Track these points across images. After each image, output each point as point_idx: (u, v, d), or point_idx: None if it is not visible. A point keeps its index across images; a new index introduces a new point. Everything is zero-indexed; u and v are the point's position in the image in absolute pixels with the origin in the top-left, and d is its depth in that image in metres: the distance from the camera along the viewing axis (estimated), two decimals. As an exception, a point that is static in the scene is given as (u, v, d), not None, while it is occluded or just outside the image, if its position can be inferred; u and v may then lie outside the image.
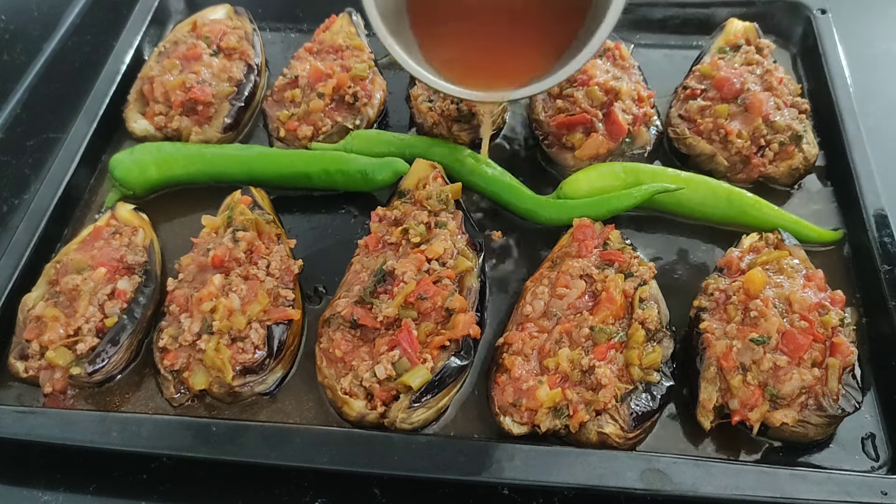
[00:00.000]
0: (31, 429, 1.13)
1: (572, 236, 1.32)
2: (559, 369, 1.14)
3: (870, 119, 1.57)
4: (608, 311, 1.19)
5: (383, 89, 1.63)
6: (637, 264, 1.27)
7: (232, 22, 1.74)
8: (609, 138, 1.47)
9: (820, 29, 1.70)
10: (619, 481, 1.06)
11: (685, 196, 1.42)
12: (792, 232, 1.36)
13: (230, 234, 1.29)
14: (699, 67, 1.59)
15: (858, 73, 1.64)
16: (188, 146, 1.52)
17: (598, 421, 1.11)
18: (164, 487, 1.14)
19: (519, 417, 1.13)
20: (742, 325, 1.17)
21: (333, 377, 1.17)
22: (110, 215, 1.39)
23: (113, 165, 1.46)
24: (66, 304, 1.24)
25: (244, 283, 1.24)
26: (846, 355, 1.13)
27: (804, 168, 1.49)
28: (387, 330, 1.19)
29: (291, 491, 1.13)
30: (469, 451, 1.09)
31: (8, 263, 1.33)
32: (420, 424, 1.16)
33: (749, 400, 1.12)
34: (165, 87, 1.56)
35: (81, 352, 1.19)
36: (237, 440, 1.10)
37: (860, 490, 1.05)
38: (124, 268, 1.30)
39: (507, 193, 1.45)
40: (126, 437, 1.11)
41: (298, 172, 1.47)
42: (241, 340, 1.18)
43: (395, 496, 1.13)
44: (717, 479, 1.06)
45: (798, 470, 1.08)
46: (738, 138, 1.46)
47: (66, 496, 1.13)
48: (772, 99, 1.50)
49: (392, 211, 1.34)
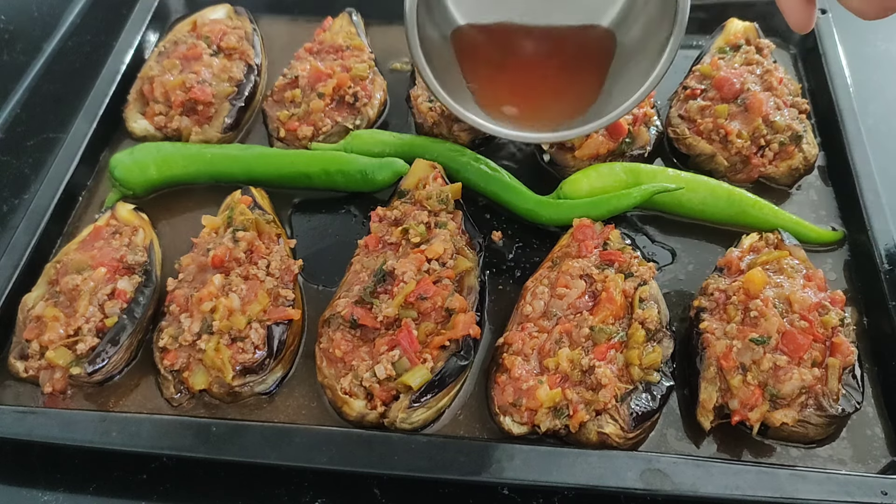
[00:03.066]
0: (31, 429, 1.13)
1: (572, 236, 1.32)
2: (559, 369, 1.14)
3: (870, 119, 1.57)
4: (608, 311, 1.19)
5: (383, 89, 1.63)
6: (637, 264, 1.27)
7: (232, 22, 1.74)
8: (609, 138, 1.47)
9: (820, 29, 1.70)
10: (619, 481, 1.06)
11: (685, 196, 1.42)
12: (792, 232, 1.36)
13: (230, 234, 1.29)
14: (699, 67, 1.59)
15: (858, 73, 1.65)
16: (188, 146, 1.52)
17: (598, 421, 1.11)
18: (164, 487, 1.14)
19: (519, 417, 1.13)
20: (742, 325, 1.17)
21: (333, 377, 1.17)
22: (110, 215, 1.39)
23: (113, 165, 1.46)
24: (66, 304, 1.24)
25: (244, 283, 1.24)
26: (846, 355, 1.13)
27: (804, 168, 1.49)
28: (387, 330, 1.19)
29: (291, 491, 1.13)
30: (469, 451, 1.09)
31: (8, 263, 1.33)
32: (420, 424, 1.16)
33: (749, 400, 1.12)
34: (165, 87, 1.56)
35: (81, 352, 1.19)
36: (237, 440, 1.10)
37: (860, 490, 1.05)
38: (124, 268, 1.30)
39: (507, 193, 1.45)
40: (126, 437, 1.11)
41: (298, 172, 1.47)
42: (241, 340, 1.18)
43: (395, 496, 1.13)
44: (717, 479, 1.06)
45: (798, 470, 1.08)
46: (738, 138, 1.46)
47: (66, 496, 1.13)
48: (772, 99, 1.50)
49: (392, 211, 1.34)
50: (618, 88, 1.11)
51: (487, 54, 1.14)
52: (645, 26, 1.08)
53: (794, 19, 1.04)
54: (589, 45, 1.13)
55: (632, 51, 1.11)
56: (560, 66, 1.14)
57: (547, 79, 1.14)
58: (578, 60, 1.14)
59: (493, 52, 1.14)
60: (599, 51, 1.12)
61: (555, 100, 1.14)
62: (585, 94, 1.13)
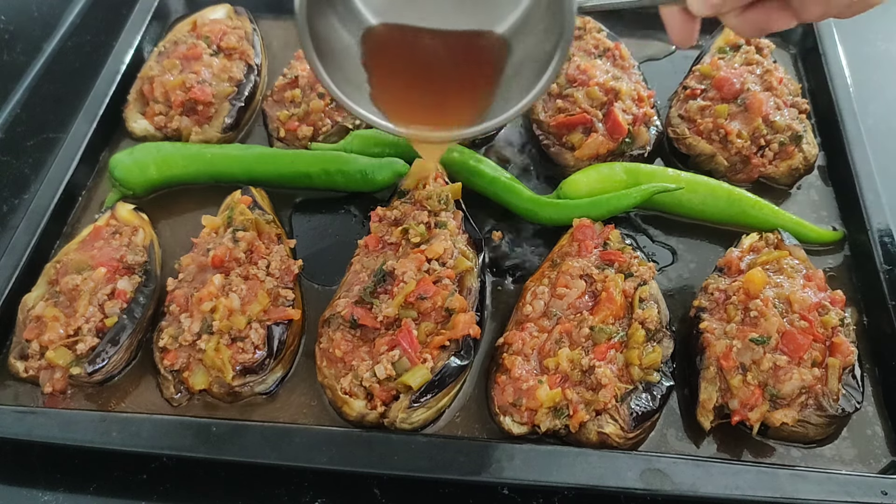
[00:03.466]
0: (31, 429, 1.13)
1: (572, 236, 1.32)
2: (559, 369, 1.14)
3: (870, 119, 1.57)
4: (608, 311, 1.19)
5: (383, 89, 1.63)
6: (637, 264, 1.27)
7: (232, 22, 1.74)
8: (609, 138, 1.47)
9: (820, 29, 1.70)
10: (619, 481, 1.06)
11: (685, 196, 1.42)
12: (792, 232, 1.36)
13: (230, 234, 1.29)
14: (699, 67, 1.59)
15: (858, 73, 1.65)
16: (188, 146, 1.52)
17: (598, 421, 1.11)
18: (164, 487, 1.14)
19: (519, 417, 1.13)
20: (742, 325, 1.17)
21: (333, 377, 1.17)
22: (110, 215, 1.39)
23: (113, 165, 1.45)
24: (66, 304, 1.24)
25: (244, 283, 1.23)
26: (846, 355, 1.13)
27: (804, 168, 1.49)
28: (387, 330, 1.19)
29: (291, 491, 1.13)
30: (469, 451, 1.09)
31: (8, 263, 1.33)
32: (420, 424, 1.16)
33: (749, 400, 1.12)
34: (165, 87, 1.56)
35: (81, 352, 1.19)
36: (237, 440, 1.10)
37: (860, 490, 1.05)
38: (124, 268, 1.30)
39: (507, 193, 1.45)
40: (126, 437, 1.11)
41: (298, 172, 1.47)
42: (241, 340, 1.18)
43: (395, 496, 1.13)
44: (717, 479, 1.06)
45: (798, 470, 1.09)
46: (738, 138, 1.46)
47: (66, 496, 1.13)
48: (772, 99, 1.50)
49: (392, 211, 1.34)
50: (506, 97, 1.12)
51: (388, 55, 1.15)
52: (537, 38, 1.09)
53: (676, 34, 1.06)
54: (485, 52, 1.14)
55: (524, 60, 1.12)
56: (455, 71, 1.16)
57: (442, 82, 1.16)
58: (474, 66, 1.16)
59: (395, 54, 1.16)
60: (494, 58, 1.14)
61: (448, 104, 1.16)
62: (478, 100, 1.14)
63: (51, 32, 1.84)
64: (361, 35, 1.14)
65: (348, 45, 1.13)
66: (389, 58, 1.16)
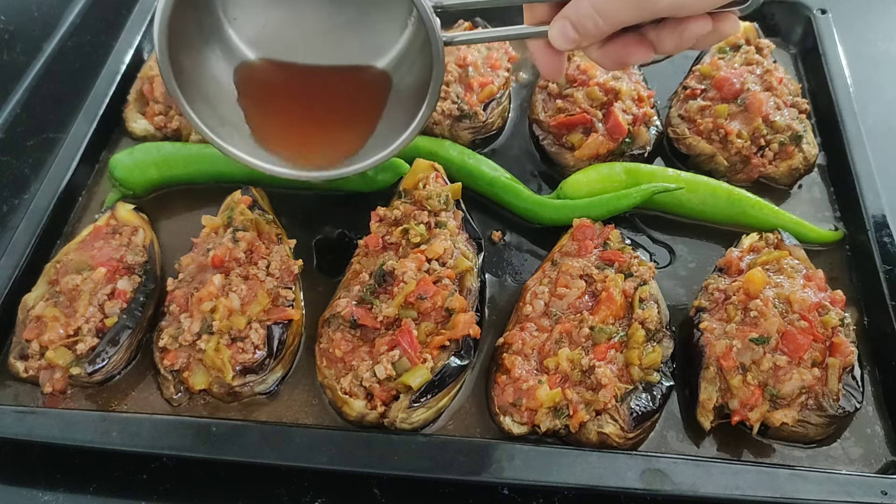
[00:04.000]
0: (31, 429, 1.13)
1: (572, 236, 1.32)
2: (559, 369, 1.14)
3: (870, 119, 1.57)
4: (608, 311, 1.19)
5: (383, 89, 1.63)
6: (637, 264, 1.27)
7: (232, 22, 1.74)
8: (609, 138, 1.47)
9: (820, 29, 1.70)
10: (619, 481, 1.06)
11: (685, 196, 1.42)
12: (792, 232, 1.36)
13: (230, 234, 1.29)
14: (699, 67, 1.59)
15: (858, 73, 1.65)
16: (188, 146, 1.52)
17: (598, 421, 1.11)
18: (164, 487, 1.14)
19: (519, 417, 1.13)
20: (742, 325, 1.17)
21: (333, 377, 1.17)
22: (110, 215, 1.39)
23: (113, 165, 1.45)
24: (66, 304, 1.24)
25: (244, 283, 1.23)
26: (846, 355, 1.13)
27: (804, 168, 1.49)
28: (387, 330, 1.19)
29: (291, 491, 1.13)
30: (469, 451, 1.09)
31: (8, 263, 1.33)
32: (420, 424, 1.16)
33: (749, 400, 1.12)
34: (165, 87, 1.56)
35: (81, 352, 1.19)
36: (237, 440, 1.10)
37: (860, 490, 1.05)
38: (124, 268, 1.30)
39: (507, 193, 1.45)
40: (126, 437, 1.11)
41: (298, 172, 1.47)
42: (241, 340, 1.18)
43: (395, 496, 1.13)
44: (717, 479, 1.06)
45: (798, 470, 1.09)
46: (738, 138, 1.46)
47: (66, 496, 1.13)
48: (772, 99, 1.50)
49: (392, 211, 1.34)
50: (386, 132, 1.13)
51: (265, 91, 1.17)
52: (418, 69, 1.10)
53: (543, 67, 1.08)
54: (366, 87, 1.16)
55: (405, 95, 1.13)
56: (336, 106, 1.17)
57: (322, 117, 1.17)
58: (355, 101, 1.17)
59: (272, 90, 1.17)
60: (375, 92, 1.16)
61: (328, 138, 1.17)
62: (358, 134, 1.16)
63: (51, 32, 1.84)
64: (234, 71, 1.15)
65: (221, 83, 1.14)
66: (267, 94, 1.17)
